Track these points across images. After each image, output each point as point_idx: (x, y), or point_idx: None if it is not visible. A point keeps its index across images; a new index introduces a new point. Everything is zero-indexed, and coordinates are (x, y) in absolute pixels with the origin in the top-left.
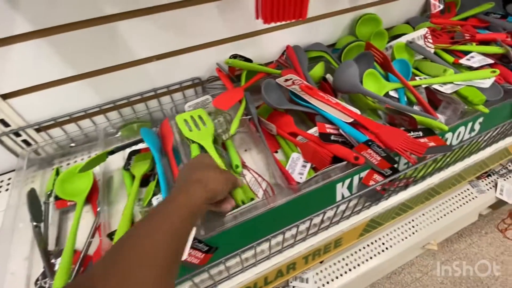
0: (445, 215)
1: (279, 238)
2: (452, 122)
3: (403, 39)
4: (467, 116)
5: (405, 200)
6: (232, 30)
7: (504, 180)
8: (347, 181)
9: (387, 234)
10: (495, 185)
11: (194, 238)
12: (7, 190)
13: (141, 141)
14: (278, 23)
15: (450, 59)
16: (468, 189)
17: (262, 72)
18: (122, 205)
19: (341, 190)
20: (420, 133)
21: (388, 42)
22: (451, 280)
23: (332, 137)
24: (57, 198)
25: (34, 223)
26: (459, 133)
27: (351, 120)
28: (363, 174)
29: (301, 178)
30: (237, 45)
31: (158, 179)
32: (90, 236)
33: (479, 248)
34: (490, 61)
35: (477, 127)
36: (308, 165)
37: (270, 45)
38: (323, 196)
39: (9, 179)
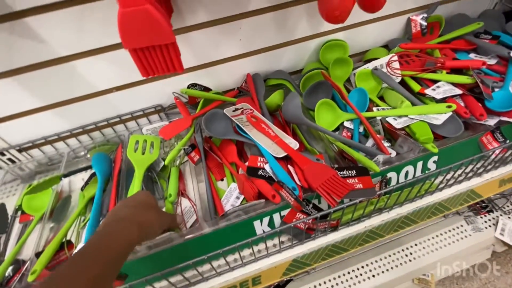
0: (434, 250)
1: (192, 272)
2: (406, 157)
3: (370, 66)
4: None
5: (335, 242)
6: (192, 61)
7: (509, 218)
8: (266, 219)
9: (377, 261)
10: (496, 223)
11: None
12: None
13: None
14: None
15: (417, 87)
16: (462, 225)
17: (219, 100)
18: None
19: (261, 227)
20: (353, 172)
21: (362, 66)
22: None
23: (260, 172)
24: (23, 212)
25: None
26: (407, 172)
27: (283, 154)
28: (284, 212)
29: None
30: (197, 74)
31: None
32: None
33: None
34: (458, 91)
35: (432, 166)
36: (242, 197)
37: (231, 73)
38: (241, 232)
39: None
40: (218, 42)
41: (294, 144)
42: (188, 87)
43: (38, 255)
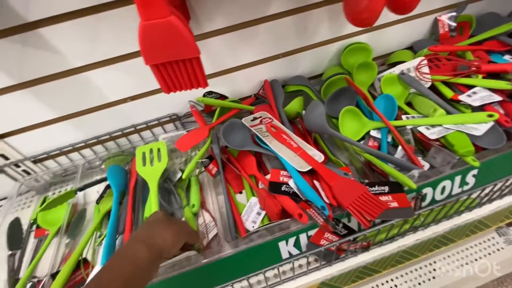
0: (463, 264)
1: None
2: (443, 171)
3: (395, 70)
4: (461, 166)
5: (366, 263)
6: (208, 68)
7: None
8: (292, 239)
9: (401, 276)
10: None
11: None
12: None
13: None
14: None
15: (449, 93)
16: (493, 238)
17: (236, 108)
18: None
19: (286, 248)
20: (386, 188)
21: (386, 70)
22: None
23: (283, 188)
24: (38, 227)
25: (9, 252)
26: (444, 187)
27: (308, 168)
28: (312, 232)
29: (253, 226)
30: (213, 82)
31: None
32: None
33: None
34: (497, 98)
35: (471, 180)
36: (263, 213)
37: (248, 79)
38: (265, 253)
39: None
40: (236, 48)
41: (318, 157)
42: (204, 96)
43: (54, 275)
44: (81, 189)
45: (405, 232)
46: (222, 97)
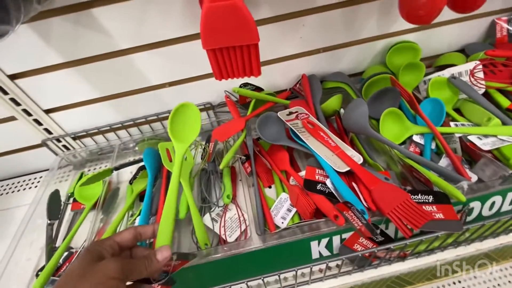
0: (494, 286)
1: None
2: (493, 185)
3: (445, 73)
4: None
5: (400, 274)
6: None
7: None
8: (325, 240)
9: None
10: None
11: None
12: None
13: None
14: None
15: (506, 103)
16: None
17: (271, 101)
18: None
19: (317, 248)
20: (431, 198)
21: (433, 73)
22: None
23: (319, 186)
24: (74, 200)
25: (48, 221)
26: (493, 203)
27: (346, 169)
28: (346, 235)
29: (282, 223)
30: None
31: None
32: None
33: None
34: None
35: None
36: (294, 210)
37: (286, 73)
38: (295, 251)
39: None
40: (278, 40)
41: (357, 158)
42: (240, 86)
43: None
44: (117, 168)
45: (446, 245)
46: (258, 89)
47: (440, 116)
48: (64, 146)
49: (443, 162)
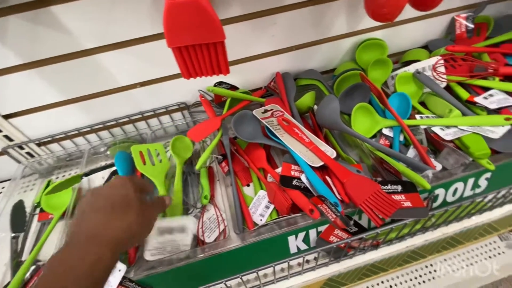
0: (464, 266)
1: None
2: (456, 173)
3: (410, 68)
4: (473, 169)
5: (374, 262)
6: None
7: None
8: (302, 234)
9: (402, 275)
10: None
11: (125, 277)
12: None
13: None
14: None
15: (465, 95)
16: (495, 242)
17: (246, 100)
18: None
19: (295, 242)
20: (399, 188)
21: (399, 68)
22: None
23: (295, 182)
24: (41, 210)
25: (12, 234)
26: (456, 189)
27: (320, 163)
28: (322, 228)
29: (261, 220)
30: None
31: None
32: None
33: None
34: None
35: (483, 183)
36: (272, 206)
37: (260, 71)
38: (273, 247)
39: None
40: (250, 38)
41: (330, 152)
42: (215, 85)
43: None
44: (87, 174)
45: (415, 232)
46: (233, 87)
47: (406, 110)
48: (28, 153)
49: (411, 153)
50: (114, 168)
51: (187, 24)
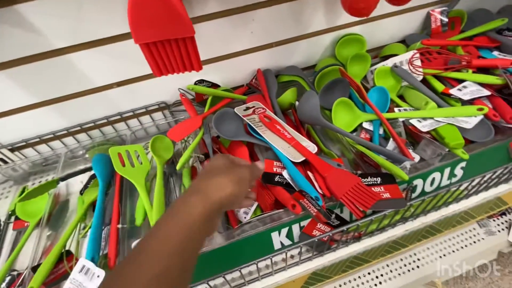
0: (446, 254)
1: (203, 285)
2: (433, 163)
3: (388, 62)
4: (449, 159)
5: (357, 253)
6: (200, 55)
7: None
8: (285, 230)
9: (387, 266)
10: (509, 226)
11: None
12: None
13: None
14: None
15: (440, 87)
16: (474, 229)
17: (228, 98)
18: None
19: (278, 238)
20: (379, 180)
21: (378, 63)
22: None
23: (277, 178)
24: (17, 218)
25: None
26: (433, 179)
27: (301, 159)
28: (304, 223)
29: (245, 217)
30: (205, 69)
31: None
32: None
33: None
34: (486, 92)
35: (459, 172)
36: (255, 204)
37: (241, 68)
38: (257, 244)
39: None
40: (229, 35)
41: (312, 148)
42: (195, 84)
43: (34, 269)
44: (63, 179)
45: (395, 222)
46: (214, 85)
47: (385, 103)
48: (1, 159)
49: (390, 145)
50: (93, 172)
51: (154, 19)
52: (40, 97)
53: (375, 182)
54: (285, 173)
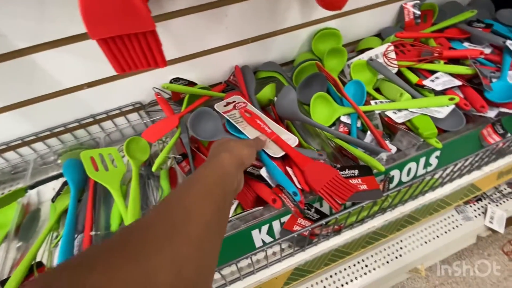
0: (427, 241)
1: None
2: (409, 153)
3: (364, 56)
4: (424, 148)
5: (338, 246)
6: (174, 52)
7: (497, 206)
8: (265, 227)
9: (372, 256)
10: (485, 211)
11: None
12: None
13: None
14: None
15: (414, 79)
16: (452, 215)
17: (205, 96)
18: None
19: (259, 236)
20: (356, 172)
21: (355, 56)
22: None
23: (257, 173)
24: None
25: None
26: (409, 169)
27: (281, 153)
28: (285, 219)
29: None
30: (180, 67)
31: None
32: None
33: (480, 272)
34: (458, 82)
35: (434, 161)
36: (236, 202)
37: (218, 65)
38: (237, 243)
39: None
40: (203, 31)
41: (293, 140)
42: (171, 82)
43: (3, 282)
44: (32, 186)
45: (374, 214)
46: (191, 83)
47: (362, 96)
48: None
49: (368, 138)
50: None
51: (109, 12)
52: (4, 101)
53: (353, 175)
54: (263, 170)
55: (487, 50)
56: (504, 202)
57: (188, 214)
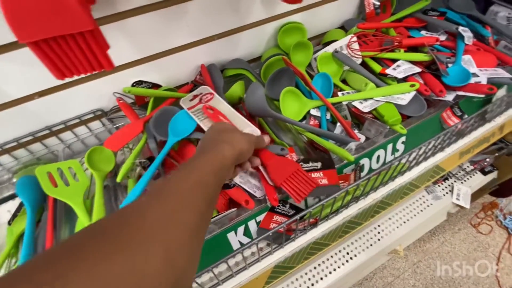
0: (402, 223)
1: None
2: (377, 141)
3: (329, 48)
4: (391, 135)
5: (316, 239)
6: (133, 54)
7: (462, 183)
8: (241, 228)
9: (352, 243)
10: (452, 189)
11: None
12: None
13: None
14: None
15: (378, 68)
16: (423, 196)
17: (171, 98)
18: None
19: (236, 238)
20: (319, 165)
21: (321, 49)
22: (423, 282)
23: None
24: None
25: None
26: (378, 156)
27: None
28: (260, 218)
29: None
30: (143, 69)
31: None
32: None
33: (452, 246)
34: (417, 69)
35: (400, 147)
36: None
37: (183, 65)
38: (214, 248)
39: None
40: (163, 30)
41: (256, 132)
42: (133, 85)
43: None
44: None
45: (348, 203)
46: (155, 86)
47: (329, 88)
48: None
49: (338, 129)
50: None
51: (37, 11)
52: None
53: (315, 167)
54: (236, 178)
55: (443, 37)
56: (468, 179)
57: (184, 202)
